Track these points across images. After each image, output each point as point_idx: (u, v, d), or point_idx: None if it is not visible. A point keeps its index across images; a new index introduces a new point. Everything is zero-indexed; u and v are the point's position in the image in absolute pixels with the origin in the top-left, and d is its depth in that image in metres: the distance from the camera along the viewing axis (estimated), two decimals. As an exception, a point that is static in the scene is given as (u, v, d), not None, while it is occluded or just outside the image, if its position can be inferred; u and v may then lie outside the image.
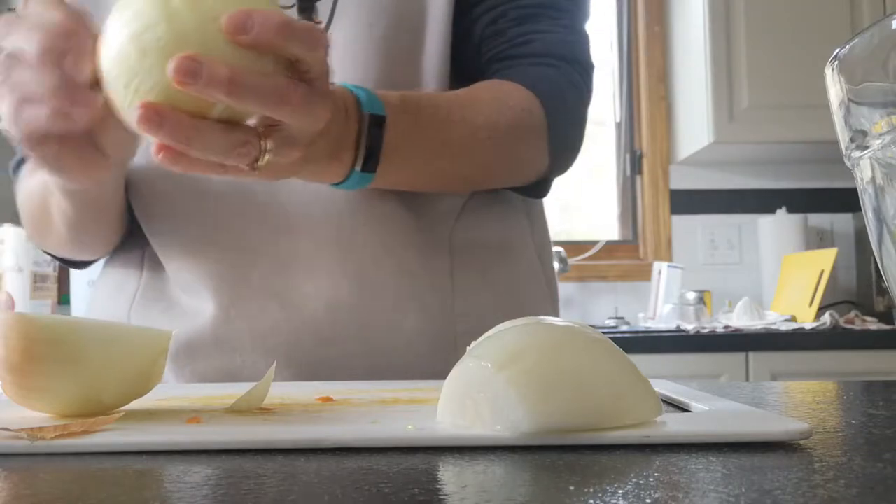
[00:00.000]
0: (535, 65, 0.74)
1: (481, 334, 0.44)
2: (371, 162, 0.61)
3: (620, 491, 0.27)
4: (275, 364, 0.49)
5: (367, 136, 0.60)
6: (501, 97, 0.71)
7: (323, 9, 0.71)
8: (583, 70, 0.77)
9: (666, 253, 2.59)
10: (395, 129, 0.61)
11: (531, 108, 0.71)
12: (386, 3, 0.71)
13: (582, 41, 0.79)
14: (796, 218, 2.47)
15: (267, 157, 0.49)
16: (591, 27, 0.81)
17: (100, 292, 0.82)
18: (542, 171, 0.75)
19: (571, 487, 0.28)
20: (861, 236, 2.53)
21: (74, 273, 2.03)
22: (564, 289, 2.53)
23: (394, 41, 0.71)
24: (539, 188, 0.78)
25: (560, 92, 0.74)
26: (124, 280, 0.79)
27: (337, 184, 0.62)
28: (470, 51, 0.76)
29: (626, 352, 0.40)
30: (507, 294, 0.77)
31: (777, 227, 2.48)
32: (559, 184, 0.83)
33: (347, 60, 0.70)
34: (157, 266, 0.76)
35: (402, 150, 0.63)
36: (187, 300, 0.74)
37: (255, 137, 0.49)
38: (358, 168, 0.60)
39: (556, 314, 0.84)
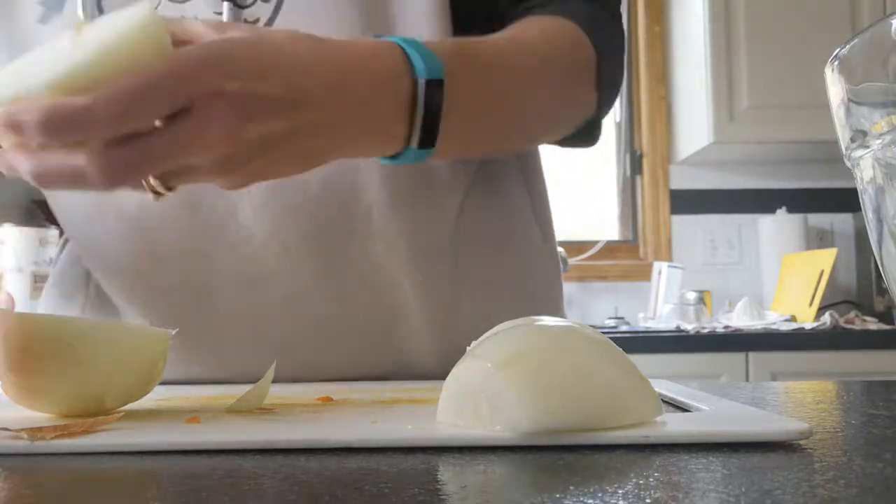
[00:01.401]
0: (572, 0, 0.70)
1: (485, 331, 0.44)
2: (429, 135, 0.53)
3: (620, 491, 0.27)
4: (275, 364, 0.49)
5: (423, 106, 0.52)
6: (552, 35, 0.66)
7: None
8: (615, 7, 0.75)
9: (666, 253, 2.59)
10: (454, 90, 0.53)
11: (583, 44, 0.67)
12: None
13: None
14: (796, 218, 2.47)
15: (159, 188, 0.46)
16: None
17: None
18: (592, 108, 0.70)
19: (571, 487, 0.28)
20: (861, 236, 2.53)
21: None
22: (565, 289, 2.53)
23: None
24: (591, 133, 0.73)
25: (605, 26, 0.71)
26: (69, 301, 0.75)
27: (390, 157, 0.55)
28: None
29: (626, 352, 0.40)
30: (512, 288, 0.75)
31: (777, 227, 2.48)
32: (559, 184, 0.81)
33: (323, 6, 0.64)
34: (102, 287, 0.73)
35: (462, 110, 0.55)
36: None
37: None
38: (414, 145, 0.53)
39: (561, 304, 0.83)
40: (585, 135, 0.73)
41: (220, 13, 0.65)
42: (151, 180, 0.46)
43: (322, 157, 0.51)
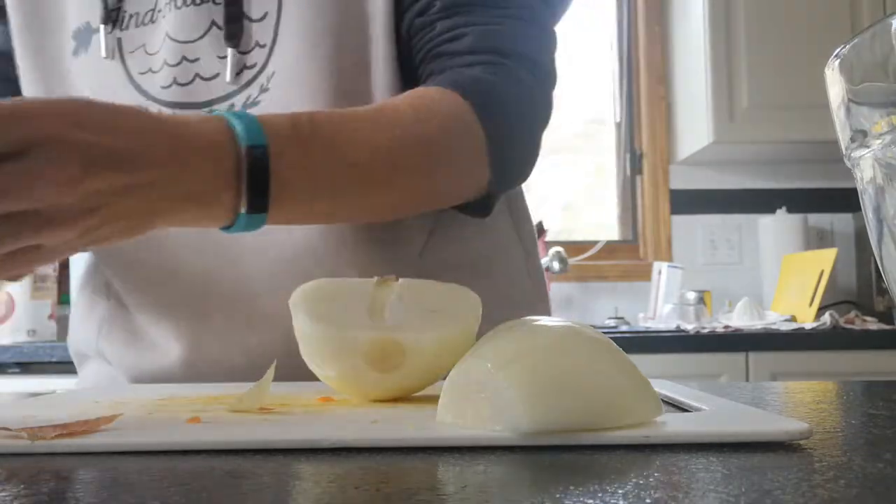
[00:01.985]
0: (470, 64, 0.65)
1: None
2: (259, 200, 0.52)
3: (620, 491, 0.27)
4: (275, 363, 0.49)
5: (248, 170, 0.51)
6: (424, 106, 0.62)
7: (264, 31, 0.68)
8: (531, 66, 0.67)
9: (666, 253, 2.59)
10: (284, 158, 0.52)
11: (460, 115, 0.62)
12: (329, 22, 0.67)
13: (529, 34, 0.68)
14: (796, 218, 2.47)
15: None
16: (554, 24, 0.70)
17: (74, 313, 0.81)
18: (483, 185, 0.65)
19: (571, 487, 0.28)
20: (861, 236, 2.53)
21: (75, 273, 2.03)
22: (564, 289, 2.53)
23: (339, 60, 0.67)
24: (482, 205, 0.68)
25: (496, 93, 0.64)
26: (92, 305, 0.78)
27: (225, 228, 0.53)
28: (403, 49, 0.68)
29: (626, 352, 0.40)
30: (487, 308, 0.74)
31: (777, 227, 2.48)
32: (559, 184, 0.80)
33: (294, 83, 0.66)
34: (120, 294, 0.75)
35: (297, 182, 0.54)
36: (152, 334, 0.73)
37: None
38: (244, 210, 0.52)
39: (547, 314, 0.81)
40: (476, 207, 0.68)
41: (223, 56, 0.68)
42: None
43: (151, 221, 0.50)
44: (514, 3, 0.68)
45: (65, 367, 1.77)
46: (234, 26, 0.67)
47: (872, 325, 2.11)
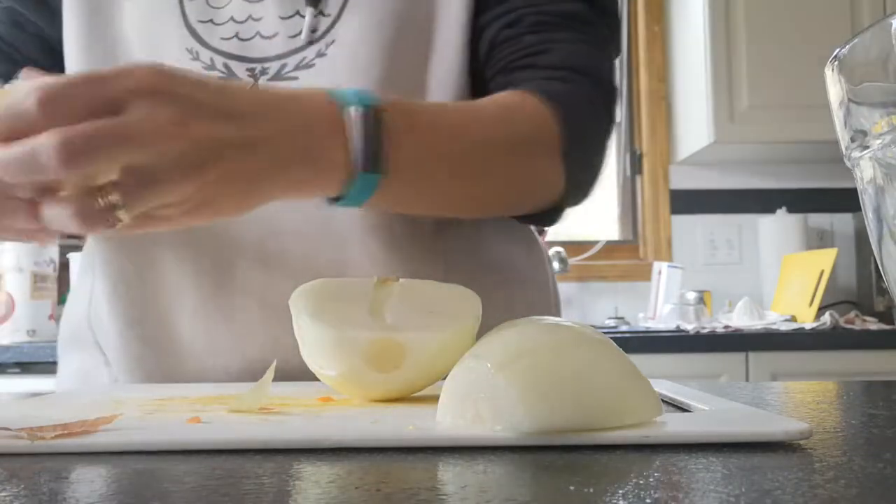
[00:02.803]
0: (550, 78, 0.68)
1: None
2: (376, 158, 0.53)
3: (620, 491, 0.27)
4: (274, 363, 0.49)
5: (362, 125, 0.52)
6: (510, 109, 0.65)
7: (332, 2, 0.71)
8: (605, 90, 0.72)
9: (666, 253, 2.59)
10: (392, 125, 0.54)
11: (543, 122, 0.65)
12: (397, 4, 0.70)
13: (605, 59, 0.74)
14: (796, 218, 2.47)
15: (122, 211, 0.44)
16: (617, 56, 0.76)
17: (71, 300, 0.82)
18: (556, 194, 0.68)
19: (571, 487, 0.28)
20: (861, 236, 2.53)
21: (75, 273, 2.03)
22: (564, 289, 2.53)
23: (402, 43, 0.69)
24: (550, 216, 0.71)
25: (577, 108, 0.68)
26: (80, 283, 0.80)
27: (338, 198, 0.55)
28: (482, 57, 0.72)
29: (626, 352, 0.40)
30: (507, 310, 0.72)
31: (777, 227, 2.48)
32: None
33: (352, 58, 0.69)
34: (106, 269, 0.74)
35: (405, 145, 0.55)
36: (156, 314, 0.72)
37: (84, 199, 0.44)
38: (360, 166, 0.53)
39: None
40: (546, 217, 0.71)
41: (285, 17, 0.70)
42: (111, 196, 0.44)
43: (262, 187, 0.50)
44: (591, 31, 0.72)
45: (65, 367, 1.77)
46: None
47: (872, 325, 2.11)
